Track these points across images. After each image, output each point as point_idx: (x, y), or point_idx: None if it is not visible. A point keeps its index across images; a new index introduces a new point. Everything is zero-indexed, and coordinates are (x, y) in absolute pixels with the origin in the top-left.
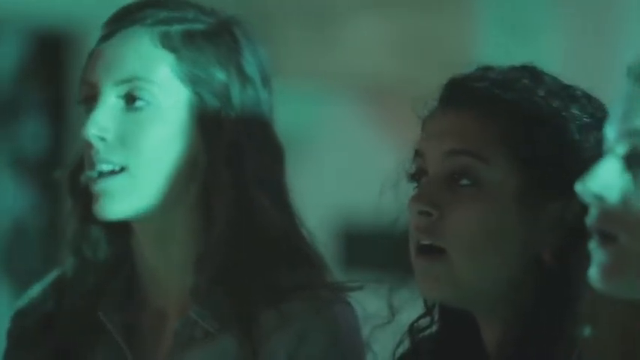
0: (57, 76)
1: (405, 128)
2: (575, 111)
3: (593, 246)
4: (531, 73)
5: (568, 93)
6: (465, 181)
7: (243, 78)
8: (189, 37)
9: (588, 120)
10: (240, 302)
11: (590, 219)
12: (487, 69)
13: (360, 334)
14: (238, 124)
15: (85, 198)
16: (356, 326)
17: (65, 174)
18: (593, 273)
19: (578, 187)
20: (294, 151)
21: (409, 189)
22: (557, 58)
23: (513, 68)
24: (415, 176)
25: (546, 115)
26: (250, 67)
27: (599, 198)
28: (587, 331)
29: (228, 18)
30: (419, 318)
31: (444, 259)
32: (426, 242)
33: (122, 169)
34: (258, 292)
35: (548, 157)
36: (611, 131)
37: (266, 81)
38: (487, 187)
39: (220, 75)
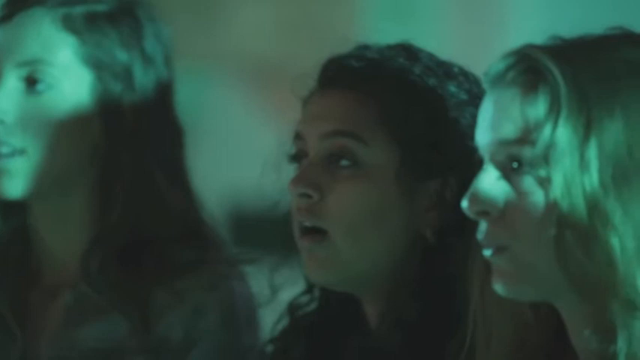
0: None
1: (293, 110)
2: (451, 88)
3: (488, 255)
4: (408, 51)
5: (444, 70)
6: (344, 162)
7: (146, 60)
8: (91, 18)
9: (465, 97)
10: (134, 279)
11: (481, 234)
12: (364, 48)
13: (255, 308)
14: (140, 107)
15: None
16: (251, 301)
17: None
18: (496, 281)
19: (463, 206)
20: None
21: (291, 170)
22: (440, 40)
23: (390, 47)
24: (296, 158)
25: (422, 93)
26: (152, 49)
27: (485, 213)
28: (476, 319)
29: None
30: (299, 295)
31: (327, 240)
32: (308, 224)
33: (21, 152)
34: (152, 269)
35: (425, 136)
36: (482, 139)
37: (168, 62)
38: (366, 168)
39: (123, 57)
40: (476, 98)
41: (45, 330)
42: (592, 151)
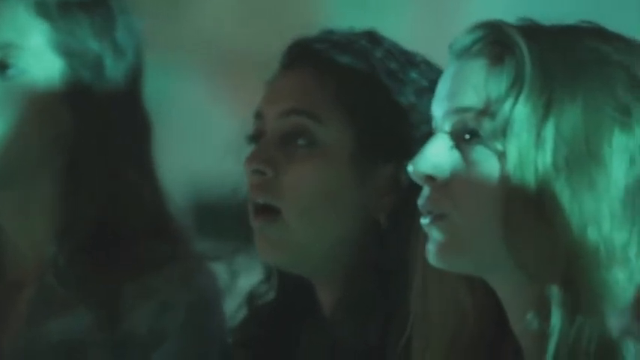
0: None
1: (258, 98)
2: (412, 74)
3: (425, 223)
4: (371, 36)
5: (407, 57)
6: (300, 141)
7: (117, 50)
8: (65, 6)
9: (426, 84)
10: (101, 273)
11: (422, 199)
12: (329, 32)
13: (222, 303)
14: (109, 97)
15: None
16: (218, 296)
17: None
18: (430, 250)
19: (409, 169)
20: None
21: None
22: (404, 30)
23: (354, 32)
24: (254, 138)
25: (382, 77)
26: (124, 40)
27: (430, 178)
28: (418, 303)
29: None
30: (257, 284)
31: (280, 219)
32: (261, 201)
33: None
34: (120, 263)
35: (382, 119)
36: (438, 110)
37: (138, 54)
38: (322, 147)
39: (94, 46)
40: (436, 87)
41: (9, 324)
42: (549, 131)
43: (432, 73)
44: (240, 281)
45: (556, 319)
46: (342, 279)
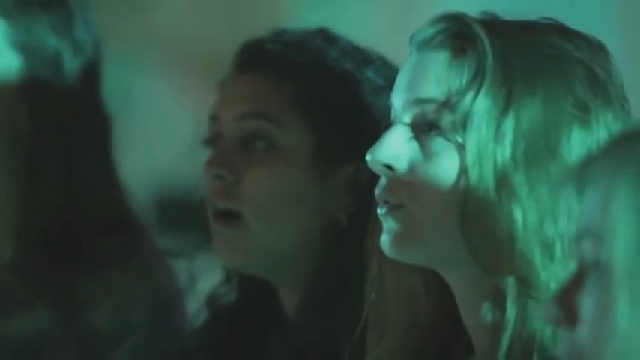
0: None
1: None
2: (368, 73)
3: (382, 213)
4: (325, 35)
5: (362, 55)
6: (259, 145)
7: (76, 47)
8: (22, 3)
9: (382, 82)
10: (61, 270)
11: (379, 189)
12: (282, 32)
13: (184, 301)
14: (67, 94)
15: None
16: (181, 293)
17: None
18: (384, 240)
19: (368, 158)
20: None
21: (207, 154)
22: (363, 26)
23: (308, 31)
24: (211, 141)
25: (339, 76)
26: (83, 37)
27: (388, 168)
28: (373, 295)
29: None
30: (218, 285)
31: (241, 223)
32: (221, 206)
33: None
34: (80, 261)
35: (340, 119)
36: (397, 100)
37: (98, 50)
38: (281, 150)
39: (52, 43)
40: (393, 84)
41: None
42: (509, 125)
43: (388, 71)
44: (201, 281)
45: (511, 312)
46: (304, 281)
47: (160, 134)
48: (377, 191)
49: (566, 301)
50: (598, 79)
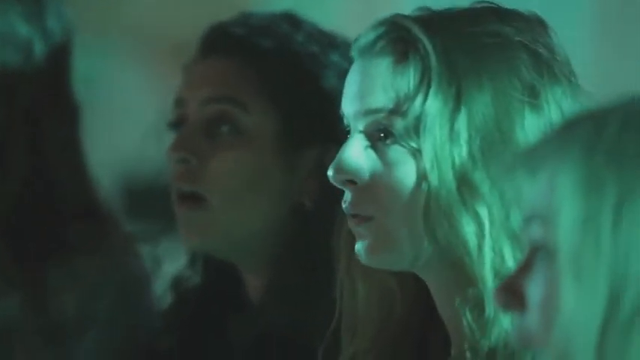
0: None
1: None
2: (334, 57)
3: (352, 225)
4: (291, 20)
5: (328, 40)
6: (224, 128)
7: (46, 35)
8: None
9: (348, 67)
10: (27, 258)
11: (345, 203)
12: (247, 16)
13: (151, 285)
14: (37, 82)
15: None
16: (147, 278)
17: None
18: (359, 249)
19: (329, 174)
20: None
21: (172, 138)
22: (329, 11)
23: (273, 15)
24: (176, 124)
25: (304, 60)
26: (54, 25)
27: (351, 182)
28: (345, 292)
29: None
30: (182, 269)
31: (205, 207)
32: (186, 189)
33: None
34: (47, 247)
35: (305, 103)
36: (348, 109)
37: (68, 38)
38: (246, 134)
39: (23, 31)
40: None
41: None
42: (462, 123)
43: None
44: (166, 265)
45: (490, 308)
46: (269, 265)
47: (128, 121)
48: (343, 205)
49: (516, 285)
50: (542, 58)
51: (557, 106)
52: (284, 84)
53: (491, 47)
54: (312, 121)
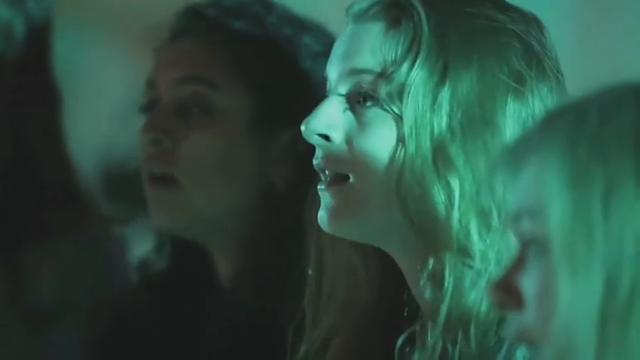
0: None
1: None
2: (306, 39)
3: (321, 188)
4: (263, 1)
5: (300, 22)
6: (196, 110)
7: (27, 19)
8: None
9: (320, 48)
10: (7, 243)
11: (316, 159)
12: None
13: (129, 269)
14: (17, 65)
15: None
16: (125, 260)
17: None
18: (321, 216)
19: (302, 128)
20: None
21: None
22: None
23: None
24: (148, 106)
25: (277, 42)
26: (35, 9)
27: (324, 138)
28: (311, 272)
29: None
30: (150, 252)
31: (176, 187)
32: (157, 171)
33: None
34: (26, 230)
35: (279, 85)
36: (332, 71)
37: (48, 22)
38: (218, 115)
39: (5, 14)
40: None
41: None
42: (445, 95)
43: (326, 38)
44: (136, 248)
45: (448, 282)
46: (240, 246)
47: (103, 105)
48: (315, 161)
49: (510, 283)
50: (533, 51)
51: (541, 101)
52: (257, 65)
53: (484, 29)
54: (285, 103)
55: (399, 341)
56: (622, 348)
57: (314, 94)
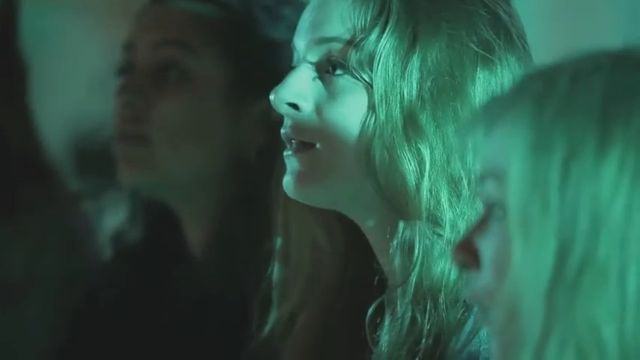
0: None
1: None
2: (287, 11)
3: (288, 154)
4: None
5: None
6: (172, 74)
7: None
8: None
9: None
10: None
11: (284, 128)
12: None
13: (97, 244)
14: None
15: None
16: (94, 236)
17: None
18: (287, 181)
19: (271, 97)
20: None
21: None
22: None
23: None
24: (124, 70)
25: (257, 12)
26: None
27: (293, 107)
28: (278, 240)
29: None
30: (122, 223)
31: (146, 144)
32: (129, 131)
33: None
34: None
35: (256, 54)
36: (300, 41)
37: None
38: (194, 80)
39: None
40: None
41: None
42: (415, 63)
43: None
44: (107, 220)
45: (418, 251)
46: (210, 216)
47: (77, 76)
48: (282, 131)
49: (470, 243)
50: (500, 20)
51: (509, 71)
52: (235, 33)
53: None
54: (261, 72)
55: (369, 311)
56: (568, 318)
57: (291, 66)
